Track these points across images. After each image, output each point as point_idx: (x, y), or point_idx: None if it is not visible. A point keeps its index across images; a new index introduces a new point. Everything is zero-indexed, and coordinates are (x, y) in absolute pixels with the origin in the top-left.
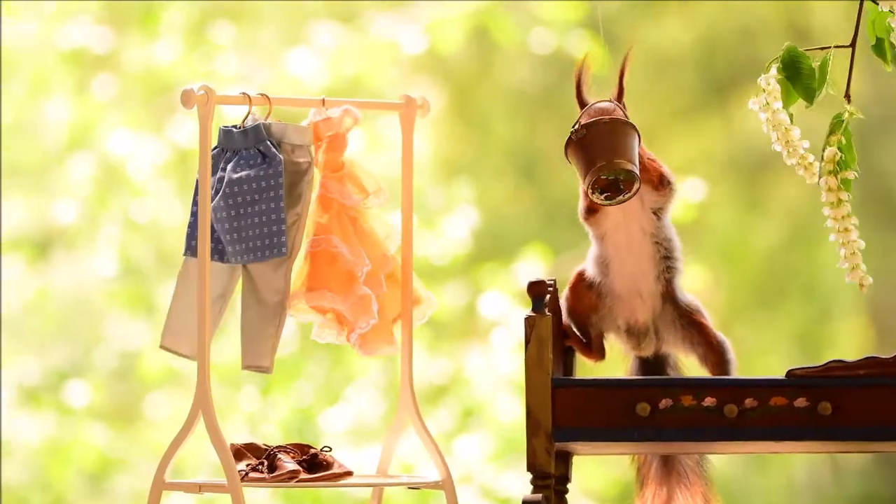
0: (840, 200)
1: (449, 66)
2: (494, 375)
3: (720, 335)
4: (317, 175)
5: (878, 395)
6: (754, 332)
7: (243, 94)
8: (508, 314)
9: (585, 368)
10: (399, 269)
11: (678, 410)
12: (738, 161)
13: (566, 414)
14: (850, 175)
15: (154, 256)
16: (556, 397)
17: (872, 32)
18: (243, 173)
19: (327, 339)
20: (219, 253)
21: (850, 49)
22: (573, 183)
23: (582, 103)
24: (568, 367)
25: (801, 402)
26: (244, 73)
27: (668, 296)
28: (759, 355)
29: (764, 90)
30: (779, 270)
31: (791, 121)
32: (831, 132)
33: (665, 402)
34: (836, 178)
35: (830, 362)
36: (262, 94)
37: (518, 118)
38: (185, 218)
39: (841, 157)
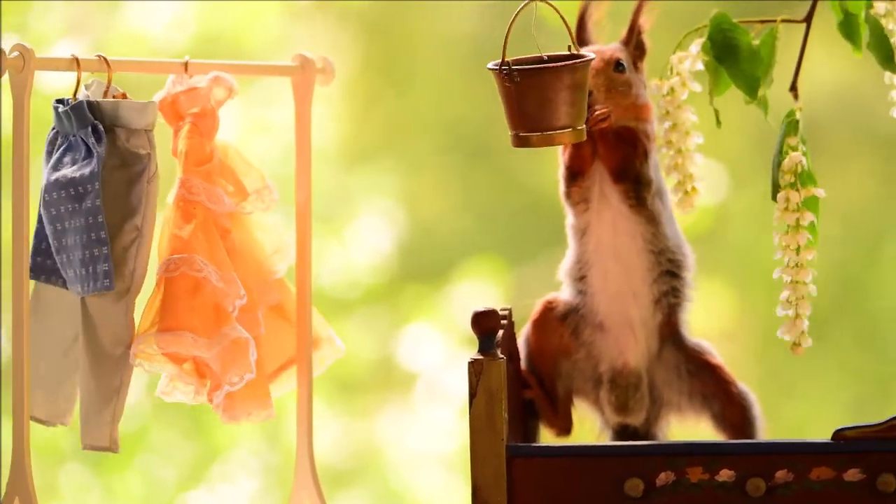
0: (798, 224)
1: (360, 11)
2: (424, 443)
3: (742, 385)
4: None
5: None
6: (795, 378)
7: (73, 56)
8: (442, 358)
9: (551, 438)
10: (289, 300)
11: (683, 488)
12: (776, 135)
13: (526, 494)
14: (820, 192)
15: None
16: (513, 471)
17: (838, 7)
18: (60, 173)
19: (179, 398)
20: (57, 274)
21: (804, 26)
22: (541, 163)
23: (581, 43)
24: (530, 430)
25: (853, 475)
26: (75, 25)
27: (670, 332)
28: (798, 411)
29: (675, 72)
30: (830, 293)
31: (718, 120)
32: (786, 134)
33: (665, 477)
34: (799, 193)
35: (894, 419)
36: (99, 56)
37: (461, 82)
38: None
39: (804, 169)
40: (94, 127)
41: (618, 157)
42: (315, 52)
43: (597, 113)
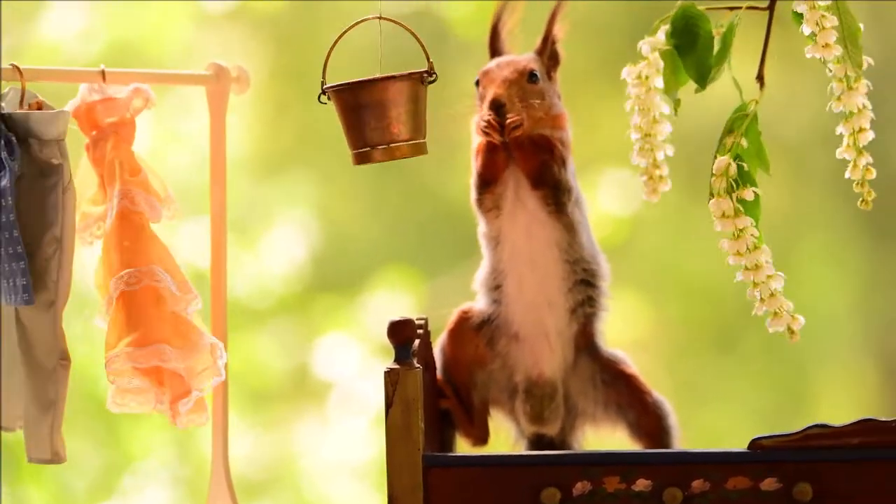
0: (740, 230)
1: (270, 20)
2: (338, 453)
3: (657, 394)
4: (95, 180)
5: (875, 473)
6: (708, 387)
7: None
8: (356, 367)
9: (468, 448)
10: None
11: (600, 498)
12: (688, 143)
13: (443, 503)
14: (749, 194)
15: None
16: (430, 480)
17: None
18: None
19: (131, 409)
20: None
21: (768, 13)
22: (453, 172)
23: (493, 52)
24: (446, 439)
25: (770, 484)
26: None
27: (586, 343)
28: (714, 420)
29: (645, 58)
30: (742, 303)
31: (676, 109)
32: (728, 131)
33: (582, 487)
34: (732, 199)
35: (810, 428)
36: (11, 65)
37: None
38: None
39: (743, 169)
40: (7, 140)
41: (535, 162)
42: (227, 61)
43: (509, 121)
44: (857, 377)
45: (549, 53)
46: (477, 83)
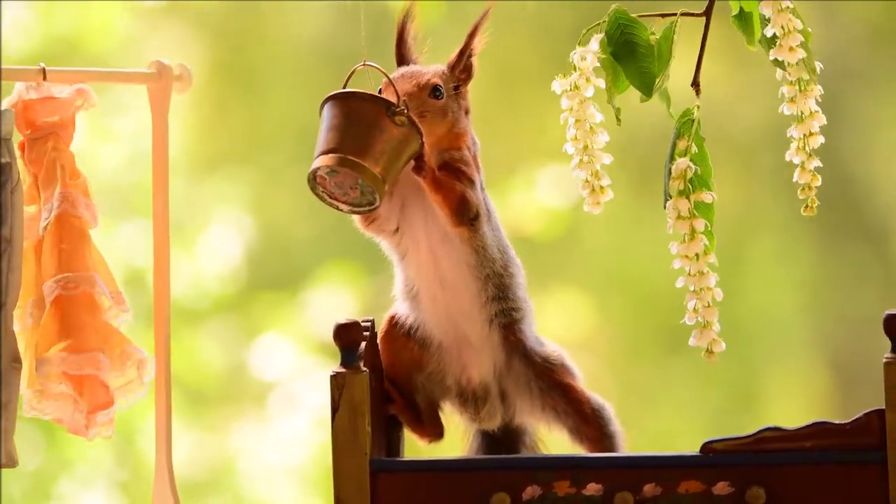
0: (694, 232)
1: (207, 17)
2: (278, 454)
3: (597, 399)
4: (28, 179)
5: (828, 477)
6: (656, 389)
7: None
8: (296, 367)
9: (416, 447)
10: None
11: (550, 502)
12: (636, 141)
13: None
14: (708, 197)
15: None
16: (378, 486)
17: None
18: None
19: (48, 414)
20: None
21: (704, 19)
22: None
23: (400, 61)
24: (393, 444)
25: (722, 488)
26: None
27: (515, 348)
28: (662, 422)
29: (577, 69)
30: None
31: (618, 117)
32: (679, 136)
33: (532, 492)
34: (689, 200)
35: (763, 430)
36: None
37: (312, 87)
38: None
39: (696, 172)
40: None
41: (453, 200)
42: (164, 57)
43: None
44: (807, 377)
45: (462, 66)
46: (380, 93)
